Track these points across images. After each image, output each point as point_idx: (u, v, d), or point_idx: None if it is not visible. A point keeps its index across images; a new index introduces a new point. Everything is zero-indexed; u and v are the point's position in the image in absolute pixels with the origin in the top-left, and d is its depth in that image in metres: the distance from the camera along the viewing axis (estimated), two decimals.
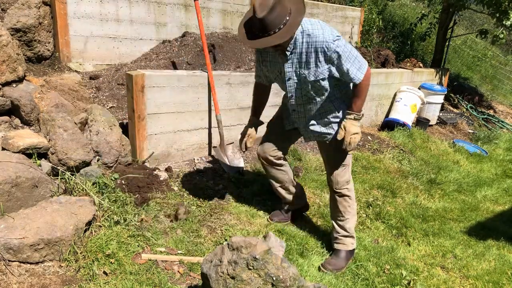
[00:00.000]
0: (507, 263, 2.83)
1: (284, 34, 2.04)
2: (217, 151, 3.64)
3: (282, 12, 2.04)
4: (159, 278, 2.23)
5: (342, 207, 2.63)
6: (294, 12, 2.09)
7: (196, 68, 4.38)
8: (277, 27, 2.03)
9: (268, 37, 2.05)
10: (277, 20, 2.03)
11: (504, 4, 5.98)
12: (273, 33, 2.04)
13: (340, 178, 2.58)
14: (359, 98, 2.36)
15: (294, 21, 2.06)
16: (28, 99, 3.00)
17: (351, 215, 2.66)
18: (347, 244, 2.65)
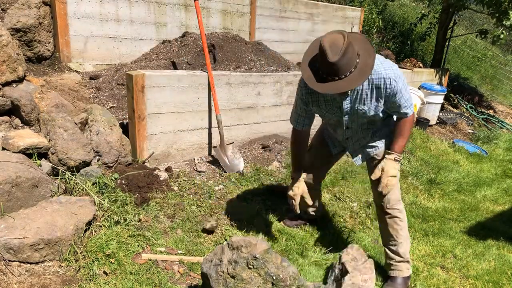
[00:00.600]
0: (507, 263, 2.83)
1: (358, 78, 1.93)
2: (217, 151, 3.64)
3: (353, 55, 1.93)
4: (159, 278, 2.23)
5: (394, 230, 2.44)
6: (363, 54, 1.98)
7: (196, 68, 4.38)
8: (348, 71, 1.92)
9: (340, 81, 1.93)
10: (349, 63, 1.92)
11: (504, 4, 5.98)
12: (344, 77, 1.93)
13: (393, 195, 2.38)
14: (403, 136, 2.28)
15: (366, 63, 1.95)
16: (28, 99, 3.00)
17: (404, 239, 2.46)
18: (402, 270, 2.47)
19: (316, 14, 6.97)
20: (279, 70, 4.61)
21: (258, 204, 3.20)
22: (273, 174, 3.73)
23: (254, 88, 4.03)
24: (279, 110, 4.36)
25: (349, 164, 4.20)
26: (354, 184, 3.80)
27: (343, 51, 1.87)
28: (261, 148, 4.08)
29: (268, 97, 4.19)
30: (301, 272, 2.45)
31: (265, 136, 4.29)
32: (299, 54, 6.89)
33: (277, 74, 4.26)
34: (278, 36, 6.50)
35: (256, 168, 3.73)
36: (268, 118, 4.28)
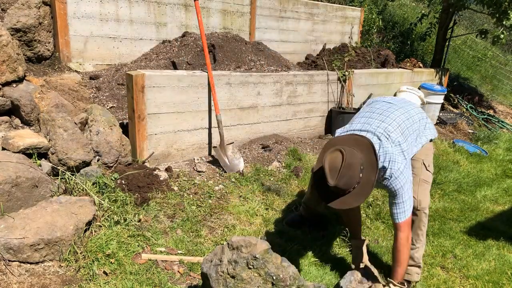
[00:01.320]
0: (507, 263, 2.83)
1: (360, 196, 2.03)
2: (217, 151, 3.64)
3: (354, 173, 1.98)
4: (159, 278, 2.23)
5: (416, 234, 2.46)
6: (367, 167, 2.03)
7: (196, 68, 4.38)
8: (351, 187, 2.01)
9: (346, 197, 2.03)
10: (350, 182, 1.99)
11: (504, 4, 5.98)
12: (348, 193, 2.02)
13: (423, 197, 2.43)
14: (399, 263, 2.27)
15: (368, 179, 2.02)
16: (28, 99, 3.00)
17: (421, 244, 2.50)
18: (412, 274, 2.49)
19: (316, 14, 6.97)
20: (279, 70, 4.61)
21: (258, 204, 3.20)
22: (273, 174, 3.73)
23: (254, 88, 4.03)
24: (279, 110, 4.36)
25: None
26: None
27: (340, 174, 1.96)
28: (261, 148, 4.08)
29: (268, 97, 4.19)
30: (301, 272, 2.45)
31: (265, 136, 4.29)
32: (299, 54, 6.89)
33: (277, 74, 4.26)
34: (278, 36, 6.50)
35: (256, 168, 3.73)
36: (268, 118, 4.28)
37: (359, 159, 2.01)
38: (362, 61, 6.36)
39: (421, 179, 2.43)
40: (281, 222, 3.02)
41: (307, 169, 3.92)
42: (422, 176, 2.43)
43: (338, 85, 5.00)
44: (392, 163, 2.12)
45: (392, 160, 2.12)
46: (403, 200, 2.18)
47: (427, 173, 2.45)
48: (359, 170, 2.00)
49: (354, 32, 7.77)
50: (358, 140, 2.13)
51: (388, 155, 2.13)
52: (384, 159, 2.13)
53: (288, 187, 3.58)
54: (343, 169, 1.96)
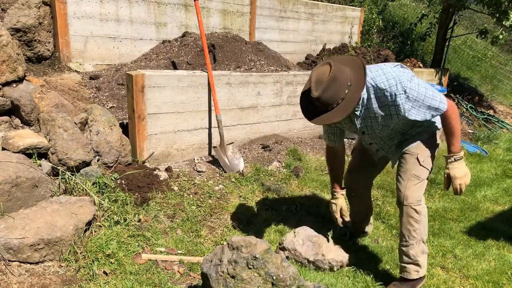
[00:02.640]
0: (507, 263, 2.83)
1: (342, 112, 1.96)
2: (217, 151, 3.64)
3: (340, 87, 1.95)
4: (159, 278, 2.23)
5: (406, 230, 2.30)
6: (354, 84, 1.98)
7: (196, 68, 4.38)
8: (335, 103, 1.97)
9: (327, 114, 1.99)
10: (334, 96, 1.95)
11: (504, 4, 5.98)
12: (331, 109, 1.98)
13: (412, 193, 2.28)
14: (453, 134, 2.17)
15: (352, 96, 1.96)
16: (28, 99, 3.00)
17: (417, 241, 2.31)
18: (409, 272, 2.34)
19: (316, 14, 6.97)
20: (279, 70, 4.61)
21: (258, 204, 3.20)
22: (273, 174, 3.73)
23: (254, 88, 4.03)
24: (279, 110, 4.36)
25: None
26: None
27: (325, 86, 1.93)
28: (261, 148, 4.08)
29: (268, 97, 4.19)
30: (300, 272, 2.45)
31: (265, 136, 4.29)
32: (299, 54, 6.89)
33: (277, 74, 4.26)
34: (278, 36, 6.50)
35: (256, 168, 3.73)
36: (268, 118, 4.28)
37: (347, 75, 1.97)
38: None
39: (412, 174, 2.28)
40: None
41: (307, 169, 3.92)
42: (414, 171, 2.28)
43: None
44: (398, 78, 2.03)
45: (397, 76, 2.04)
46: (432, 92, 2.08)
47: (421, 168, 2.29)
48: (346, 86, 1.96)
49: (354, 32, 7.77)
50: (352, 59, 2.08)
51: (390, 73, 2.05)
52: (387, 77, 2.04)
53: (288, 187, 3.58)
54: (328, 81, 1.93)
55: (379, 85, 2.06)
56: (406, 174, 2.30)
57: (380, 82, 2.06)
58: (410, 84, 2.04)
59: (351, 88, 1.97)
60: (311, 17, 6.90)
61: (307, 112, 2.09)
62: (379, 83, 2.06)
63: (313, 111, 2.05)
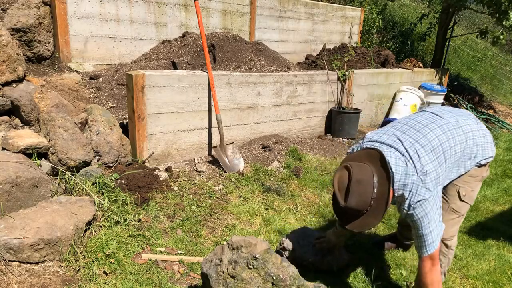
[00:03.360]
0: (507, 263, 2.83)
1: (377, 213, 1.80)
2: (217, 151, 3.64)
3: (366, 190, 1.78)
4: (159, 278, 2.23)
5: None
6: (380, 180, 1.80)
7: (196, 68, 4.38)
8: (367, 207, 1.79)
9: (364, 218, 1.82)
10: (363, 200, 1.78)
11: (504, 4, 5.98)
12: (366, 212, 1.80)
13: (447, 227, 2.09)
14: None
15: (381, 192, 1.79)
16: (28, 99, 3.00)
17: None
18: None
19: (316, 14, 6.97)
20: (279, 70, 4.61)
21: (258, 204, 3.20)
22: (273, 174, 3.73)
23: (254, 88, 4.03)
24: (279, 110, 4.36)
25: None
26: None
27: (350, 192, 1.77)
28: (261, 148, 4.08)
29: (268, 97, 4.19)
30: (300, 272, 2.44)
31: (265, 136, 4.29)
32: (299, 54, 6.89)
33: (277, 74, 4.26)
34: (278, 36, 6.50)
35: (256, 168, 3.73)
36: (268, 118, 4.28)
37: (371, 172, 1.80)
38: (362, 61, 6.36)
39: (450, 207, 2.14)
40: None
41: (307, 169, 3.92)
42: (453, 205, 2.13)
43: (338, 85, 5.00)
44: (412, 194, 1.86)
45: (413, 192, 1.86)
46: (429, 231, 1.87)
47: (461, 203, 2.13)
48: (373, 185, 1.78)
49: (354, 32, 7.77)
50: (370, 153, 1.90)
51: (410, 184, 1.86)
52: (404, 186, 1.87)
53: (288, 187, 3.58)
54: (352, 186, 1.77)
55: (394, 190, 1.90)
56: (444, 207, 2.12)
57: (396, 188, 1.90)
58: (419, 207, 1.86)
59: (378, 185, 1.80)
60: (311, 17, 6.90)
61: (341, 220, 1.92)
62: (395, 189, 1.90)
63: (347, 218, 1.87)
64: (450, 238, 2.19)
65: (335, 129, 4.90)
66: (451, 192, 2.14)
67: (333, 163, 4.17)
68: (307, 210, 3.28)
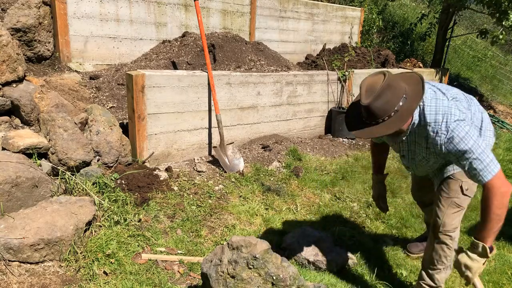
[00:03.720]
0: (507, 263, 2.83)
1: (392, 125, 1.75)
2: (217, 151, 3.64)
3: (394, 98, 1.74)
4: (159, 278, 2.23)
5: (437, 255, 2.22)
6: (411, 97, 1.76)
7: (196, 68, 4.38)
8: (386, 115, 1.75)
9: (375, 126, 1.78)
10: (386, 107, 1.74)
11: (504, 4, 5.98)
12: (382, 121, 1.77)
13: (449, 219, 2.16)
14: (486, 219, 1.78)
15: (408, 108, 1.74)
16: (28, 99, 3.00)
17: (444, 267, 2.24)
18: None
19: (316, 14, 6.97)
20: (279, 70, 4.61)
21: (258, 204, 3.20)
22: (273, 174, 3.73)
23: (254, 88, 4.03)
24: (279, 110, 4.36)
25: (349, 165, 4.20)
26: (354, 184, 3.80)
27: (377, 93, 1.72)
28: (261, 148, 4.08)
29: (268, 97, 4.19)
30: (300, 272, 2.45)
31: (265, 136, 4.29)
32: (299, 54, 6.89)
33: (277, 74, 4.26)
34: (278, 36, 6.50)
35: (256, 168, 3.73)
36: (268, 118, 4.28)
37: (403, 87, 1.76)
38: (362, 61, 6.37)
39: (453, 201, 2.16)
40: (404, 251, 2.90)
41: (307, 169, 3.92)
42: (456, 199, 2.16)
43: (338, 85, 5.00)
44: (447, 115, 1.80)
45: (448, 113, 1.80)
46: (481, 150, 1.76)
47: (463, 196, 2.16)
48: (400, 98, 1.74)
49: (354, 32, 7.77)
50: (410, 75, 1.87)
51: (442, 108, 1.82)
52: (436, 110, 1.82)
53: (288, 187, 3.58)
54: (381, 89, 1.71)
55: (426, 116, 1.87)
56: (447, 201, 2.17)
57: (428, 113, 1.86)
58: (458, 127, 1.79)
59: (406, 101, 1.75)
60: (311, 17, 6.90)
61: (349, 124, 1.90)
62: (427, 114, 1.86)
63: (359, 123, 1.84)
64: (454, 230, 2.21)
65: (335, 129, 4.91)
66: (454, 187, 2.16)
67: (333, 163, 4.18)
68: (307, 210, 3.28)
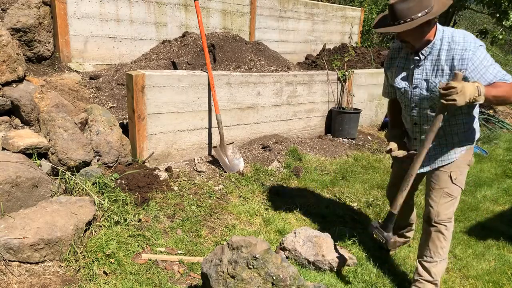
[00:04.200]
0: (507, 263, 2.83)
1: (407, 26, 1.96)
2: (217, 151, 3.64)
3: (420, 5, 1.96)
4: (159, 278, 2.23)
5: (433, 246, 2.27)
6: (432, 13, 1.99)
7: (196, 68, 4.38)
8: (408, 17, 1.96)
9: (394, 26, 2.01)
10: (410, 10, 1.95)
11: (504, 4, 5.98)
12: (403, 22, 1.98)
13: (443, 209, 2.25)
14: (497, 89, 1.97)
15: (427, 17, 1.97)
16: (28, 99, 3.00)
17: (441, 259, 2.29)
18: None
19: (316, 14, 6.97)
20: (279, 70, 4.61)
21: (258, 204, 3.20)
22: (273, 174, 3.73)
23: (254, 88, 4.03)
24: (279, 110, 4.36)
25: (349, 165, 4.20)
26: (354, 184, 3.80)
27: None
28: (261, 148, 4.08)
29: (268, 97, 4.19)
30: (300, 272, 2.45)
31: (265, 136, 4.29)
32: (299, 54, 6.89)
33: (277, 74, 4.26)
34: (278, 36, 6.50)
35: (256, 168, 3.73)
36: (268, 118, 4.28)
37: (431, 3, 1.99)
38: (362, 61, 6.37)
39: (445, 192, 2.25)
40: None
41: (307, 169, 3.92)
42: (446, 189, 2.25)
43: (338, 85, 5.00)
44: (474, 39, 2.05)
45: (474, 39, 2.05)
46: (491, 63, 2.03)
47: (453, 186, 2.25)
48: (425, 7, 1.96)
49: (354, 32, 7.77)
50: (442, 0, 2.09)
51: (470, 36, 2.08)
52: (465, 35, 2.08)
53: (288, 187, 3.58)
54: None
55: (455, 38, 2.07)
56: (438, 192, 2.26)
57: (457, 36, 2.08)
58: (482, 49, 2.05)
59: (428, 14, 1.97)
60: (311, 17, 6.90)
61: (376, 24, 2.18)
62: (456, 37, 2.08)
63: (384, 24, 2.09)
64: (448, 220, 2.29)
65: (335, 129, 4.90)
66: (444, 178, 2.27)
67: (333, 163, 4.18)
68: (307, 210, 3.28)
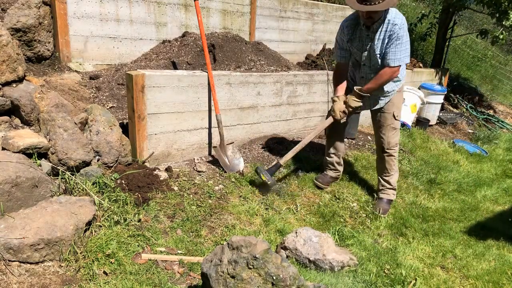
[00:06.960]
0: (507, 263, 2.83)
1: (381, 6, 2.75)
2: (217, 151, 3.64)
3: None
4: (159, 278, 2.23)
5: (388, 165, 3.35)
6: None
7: (196, 68, 4.38)
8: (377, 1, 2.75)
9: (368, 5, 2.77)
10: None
11: (504, 4, 5.98)
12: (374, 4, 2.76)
13: (392, 139, 3.27)
14: (374, 82, 3.02)
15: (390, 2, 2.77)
16: (28, 99, 3.00)
17: (394, 171, 3.41)
18: (389, 194, 3.45)
19: (316, 14, 6.97)
20: (279, 70, 4.61)
21: (258, 203, 3.20)
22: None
23: (254, 88, 4.03)
24: (279, 110, 4.36)
25: (349, 165, 4.20)
26: (354, 184, 3.80)
27: None
28: (261, 148, 4.08)
29: (268, 97, 4.19)
30: (301, 272, 2.45)
31: (265, 136, 4.29)
32: (299, 54, 6.89)
33: (277, 74, 4.26)
34: (278, 36, 6.50)
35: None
36: (268, 118, 4.28)
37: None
38: None
39: (391, 127, 3.25)
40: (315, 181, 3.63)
41: (307, 169, 3.92)
42: (392, 125, 3.24)
43: None
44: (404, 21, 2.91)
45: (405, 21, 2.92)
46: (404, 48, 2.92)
47: (396, 121, 3.25)
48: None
49: None
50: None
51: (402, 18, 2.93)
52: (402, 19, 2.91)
53: (288, 187, 3.58)
54: None
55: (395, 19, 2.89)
56: (386, 128, 3.27)
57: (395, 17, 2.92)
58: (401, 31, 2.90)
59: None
60: (311, 17, 6.90)
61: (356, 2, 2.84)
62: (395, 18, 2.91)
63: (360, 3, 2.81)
64: (396, 145, 3.34)
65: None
66: (388, 116, 3.25)
67: None
68: (307, 210, 3.29)
